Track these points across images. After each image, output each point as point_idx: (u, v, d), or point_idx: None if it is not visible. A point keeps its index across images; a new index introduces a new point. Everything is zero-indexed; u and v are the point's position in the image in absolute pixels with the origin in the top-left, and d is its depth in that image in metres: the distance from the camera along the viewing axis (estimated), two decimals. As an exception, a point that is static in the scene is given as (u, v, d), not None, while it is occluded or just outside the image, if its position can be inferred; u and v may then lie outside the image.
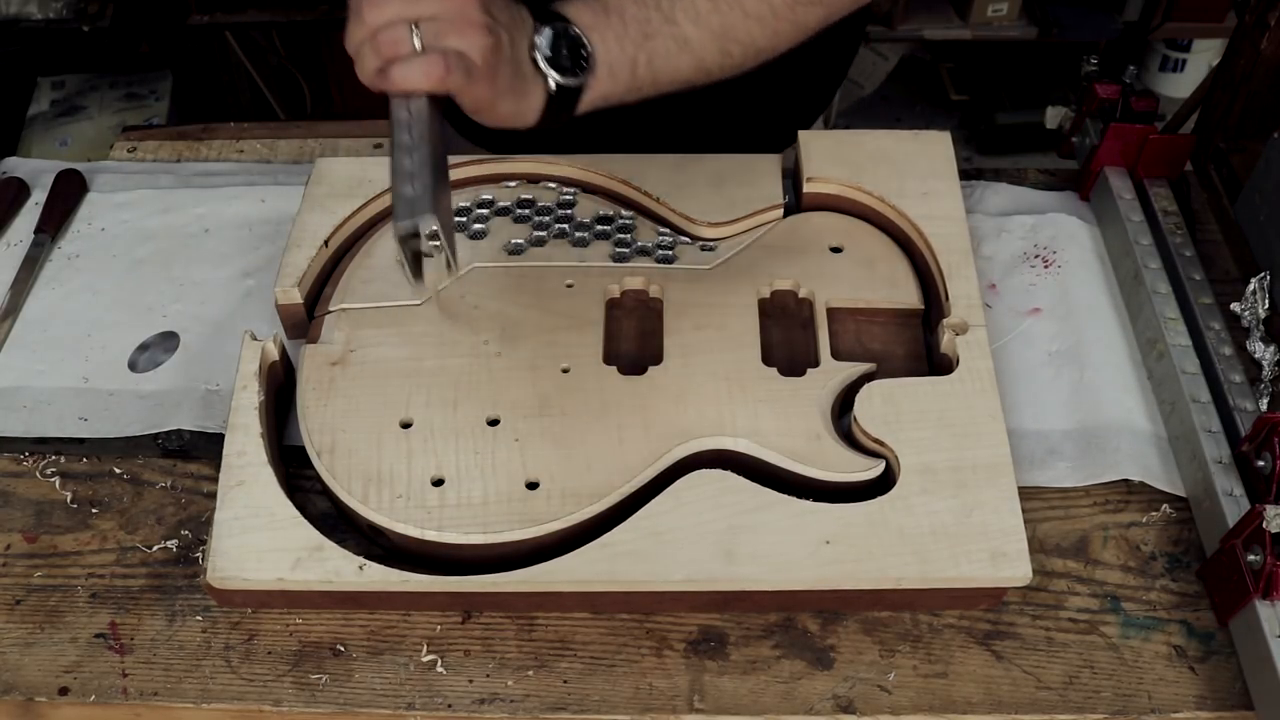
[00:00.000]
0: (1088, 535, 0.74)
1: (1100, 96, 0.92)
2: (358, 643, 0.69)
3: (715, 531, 0.68)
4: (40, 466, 0.79)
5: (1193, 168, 0.98)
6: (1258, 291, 0.85)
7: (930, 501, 0.69)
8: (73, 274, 0.91)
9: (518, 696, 0.67)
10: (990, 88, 2.58)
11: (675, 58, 0.69)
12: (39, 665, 0.69)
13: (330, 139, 1.10)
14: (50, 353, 0.85)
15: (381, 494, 0.69)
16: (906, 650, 0.69)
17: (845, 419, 0.74)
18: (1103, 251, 0.91)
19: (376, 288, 0.81)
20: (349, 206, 0.86)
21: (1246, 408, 0.75)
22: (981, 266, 0.87)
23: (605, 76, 0.67)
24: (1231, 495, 0.71)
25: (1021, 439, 0.77)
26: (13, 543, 0.75)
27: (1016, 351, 0.83)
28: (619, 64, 0.67)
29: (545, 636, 0.69)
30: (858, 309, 0.80)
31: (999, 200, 0.95)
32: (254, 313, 0.87)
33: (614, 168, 0.88)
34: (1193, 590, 0.71)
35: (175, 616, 0.71)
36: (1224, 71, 0.96)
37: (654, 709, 0.66)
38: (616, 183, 0.87)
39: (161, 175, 1.02)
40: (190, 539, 0.74)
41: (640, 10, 0.67)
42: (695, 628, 0.70)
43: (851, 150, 0.87)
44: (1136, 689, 0.67)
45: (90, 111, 2.09)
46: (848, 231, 0.85)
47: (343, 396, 0.74)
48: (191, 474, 0.78)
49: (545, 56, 0.64)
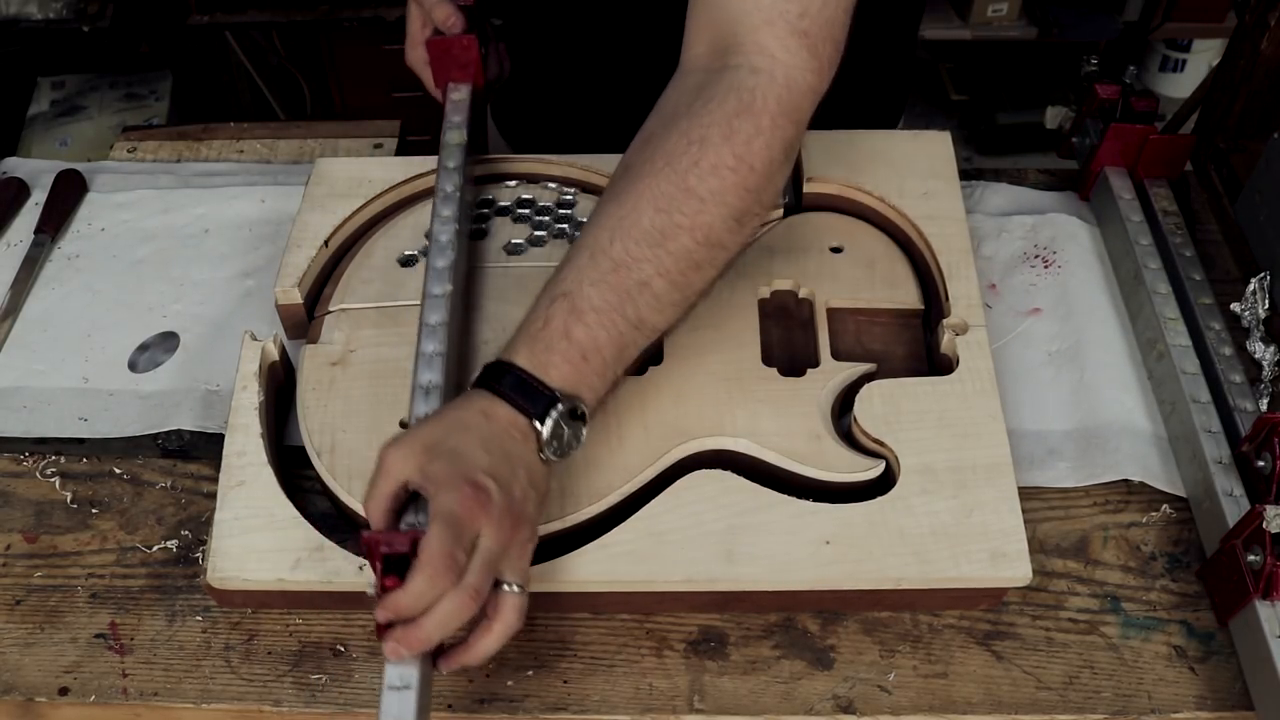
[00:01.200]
0: (1088, 535, 0.74)
1: (1100, 96, 0.92)
2: (358, 643, 0.69)
3: (715, 531, 0.68)
4: (40, 466, 0.79)
5: (1193, 168, 0.98)
6: (1258, 291, 0.85)
7: (930, 502, 0.69)
8: (73, 274, 0.91)
9: (518, 696, 0.67)
10: (990, 88, 2.57)
11: (646, 346, 0.68)
12: (39, 665, 0.69)
13: (330, 139, 1.10)
14: (50, 353, 0.85)
15: (381, 494, 0.69)
16: (906, 650, 0.69)
17: (845, 419, 0.74)
18: (1103, 251, 0.91)
19: (376, 288, 0.81)
20: (349, 206, 0.86)
21: (1246, 408, 0.75)
22: (981, 266, 0.87)
23: (593, 409, 0.66)
24: (1231, 495, 0.71)
25: (1021, 439, 0.77)
26: (13, 543, 0.75)
27: (1016, 351, 0.83)
28: (603, 392, 0.66)
29: (545, 636, 0.69)
30: (858, 309, 0.80)
31: (999, 200, 0.95)
32: (254, 313, 0.86)
33: (614, 168, 0.87)
34: (1193, 590, 0.71)
35: (175, 616, 0.71)
36: (1224, 71, 0.96)
37: (654, 709, 0.66)
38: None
39: (161, 175, 1.02)
40: (190, 539, 0.74)
41: (611, 335, 0.64)
42: (695, 628, 0.70)
43: (851, 150, 0.87)
44: (1136, 689, 0.67)
45: (90, 111, 2.09)
46: (848, 231, 0.85)
47: (343, 396, 0.74)
48: (191, 474, 0.78)
49: (552, 450, 0.63)
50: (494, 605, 0.60)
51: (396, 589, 0.57)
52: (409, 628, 0.58)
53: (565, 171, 0.89)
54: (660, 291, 0.65)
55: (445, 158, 0.83)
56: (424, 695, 0.59)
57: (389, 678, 0.58)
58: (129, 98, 2.12)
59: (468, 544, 0.58)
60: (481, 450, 0.60)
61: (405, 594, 0.57)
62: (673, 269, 0.65)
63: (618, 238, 0.65)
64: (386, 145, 1.08)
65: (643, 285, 0.65)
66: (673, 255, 0.65)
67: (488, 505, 0.58)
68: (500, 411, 0.62)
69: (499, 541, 0.59)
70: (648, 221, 0.65)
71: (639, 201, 0.65)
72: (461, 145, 0.83)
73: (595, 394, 0.65)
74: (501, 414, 0.62)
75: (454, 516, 0.57)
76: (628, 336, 0.65)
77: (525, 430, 0.62)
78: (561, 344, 0.63)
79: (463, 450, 0.60)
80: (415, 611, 0.57)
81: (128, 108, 2.10)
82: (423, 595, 0.57)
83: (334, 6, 2.11)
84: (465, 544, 0.58)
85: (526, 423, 0.62)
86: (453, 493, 0.58)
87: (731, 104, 0.66)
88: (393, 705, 0.57)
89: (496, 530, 0.59)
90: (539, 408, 0.62)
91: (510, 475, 0.60)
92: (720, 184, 0.65)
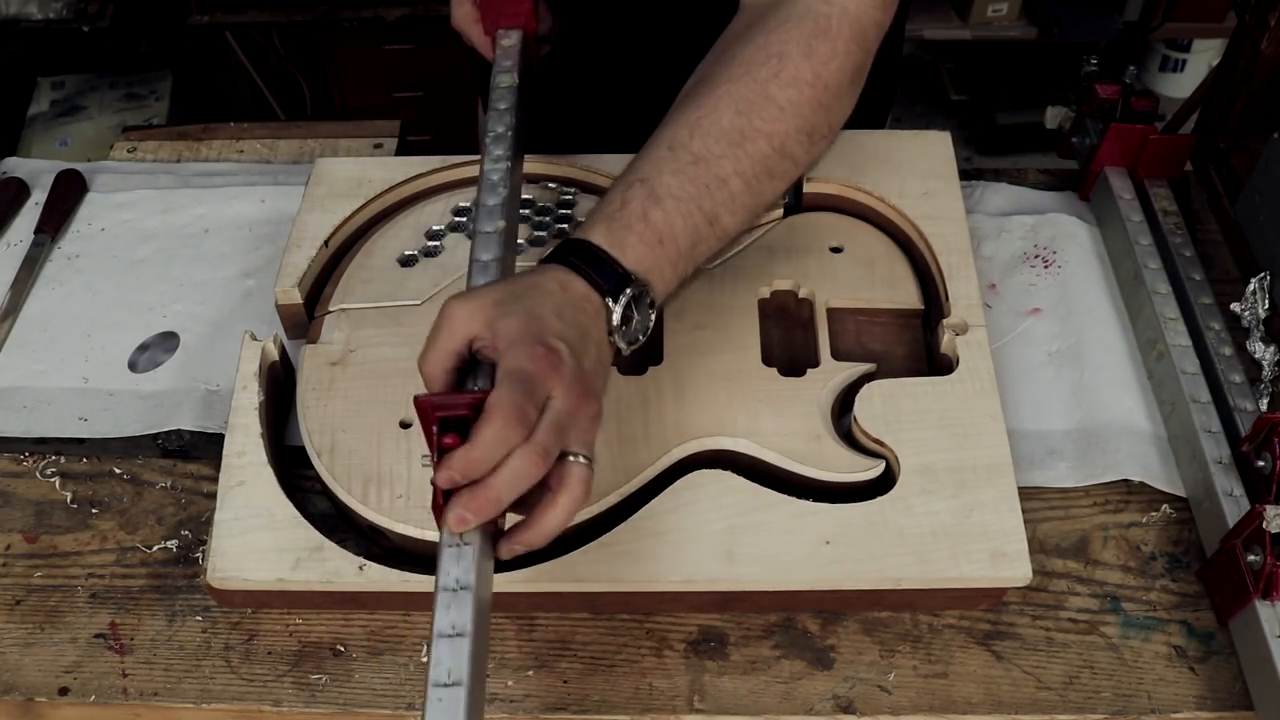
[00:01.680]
0: (1088, 535, 0.74)
1: (1100, 96, 0.92)
2: (358, 643, 0.69)
3: (715, 531, 0.68)
4: (40, 466, 0.79)
5: (1193, 168, 0.98)
6: (1258, 291, 0.85)
7: (930, 502, 0.69)
8: (73, 274, 0.91)
9: (518, 696, 0.67)
10: (990, 88, 2.58)
11: (715, 249, 0.68)
12: (39, 665, 0.69)
13: (330, 139, 1.10)
14: (50, 353, 0.85)
15: (381, 494, 0.69)
16: (906, 650, 0.69)
17: (845, 419, 0.74)
18: (1103, 251, 0.91)
19: (376, 288, 0.81)
20: (349, 206, 0.86)
21: (1246, 408, 0.75)
22: (981, 266, 0.87)
23: (661, 301, 0.66)
24: (1231, 495, 0.71)
25: (1021, 439, 0.77)
26: (13, 543, 0.75)
27: (1016, 351, 0.83)
28: (673, 285, 0.66)
29: (545, 636, 0.69)
30: (858, 309, 0.80)
31: (999, 200, 0.95)
32: (254, 313, 0.87)
33: (614, 168, 0.88)
34: (1193, 590, 0.71)
35: (175, 616, 0.71)
36: (1224, 71, 0.96)
37: (654, 709, 0.66)
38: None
39: (161, 175, 1.02)
40: (190, 539, 0.74)
41: (687, 224, 0.65)
42: (695, 628, 0.70)
43: (851, 150, 0.87)
44: (1136, 689, 0.67)
45: (90, 111, 2.09)
46: (848, 231, 0.85)
47: (343, 396, 0.74)
48: (191, 474, 0.78)
49: (621, 335, 0.62)
50: (559, 476, 0.56)
51: (458, 448, 0.53)
52: (476, 489, 0.53)
53: (565, 171, 0.89)
54: (736, 191, 0.67)
55: (495, 99, 0.80)
56: (476, 693, 0.52)
57: (435, 672, 0.51)
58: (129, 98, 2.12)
59: (538, 402, 0.55)
60: (555, 315, 0.58)
61: (474, 446, 0.53)
62: (749, 171, 0.67)
63: (697, 135, 0.67)
64: (386, 145, 1.09)
65: (721, 181, 0.66)
66: (750, 157, 0.67)
67: (560, 367, 0.56)
68: (576, 285, 0.61)
69: (569, 407, 0.56)
70: (727, 122, 0.67)
71: (719, 104, 0.67)
72: (513, 88, 0.80)
73: (665, 285, 0.65)
74: (577, 287, 0.60)
75: (525, 373, 0.54)
76: (702, 231, 0.66)
77: (598, 307, 0.61)
78: (639, 225, 0.63)
79: (536, 311, 0.58)
80: (484, 467, 0.54)
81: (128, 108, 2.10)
82: (492, 448, 0.53)
83: (334, 6, 2.12)
84: (536, 401, 0.54)
85: (600, 300, 0.61)
86: (524, 349, 0.55)
87: (809, 26, 0.69)
88: (440, 710, 0.51)
89: (567, 395, 0.55)
90: (612, 285, 0.61)
91: (582, 345, 0.58)
92: (798, 96, 0.68)
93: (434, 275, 0.81)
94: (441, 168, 0.89)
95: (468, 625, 0.52)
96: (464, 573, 0.54)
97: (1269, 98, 0.94)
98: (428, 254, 0.83)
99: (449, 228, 0.84)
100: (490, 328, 0.57)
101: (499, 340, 0.56)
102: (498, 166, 0.75)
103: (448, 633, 0.52)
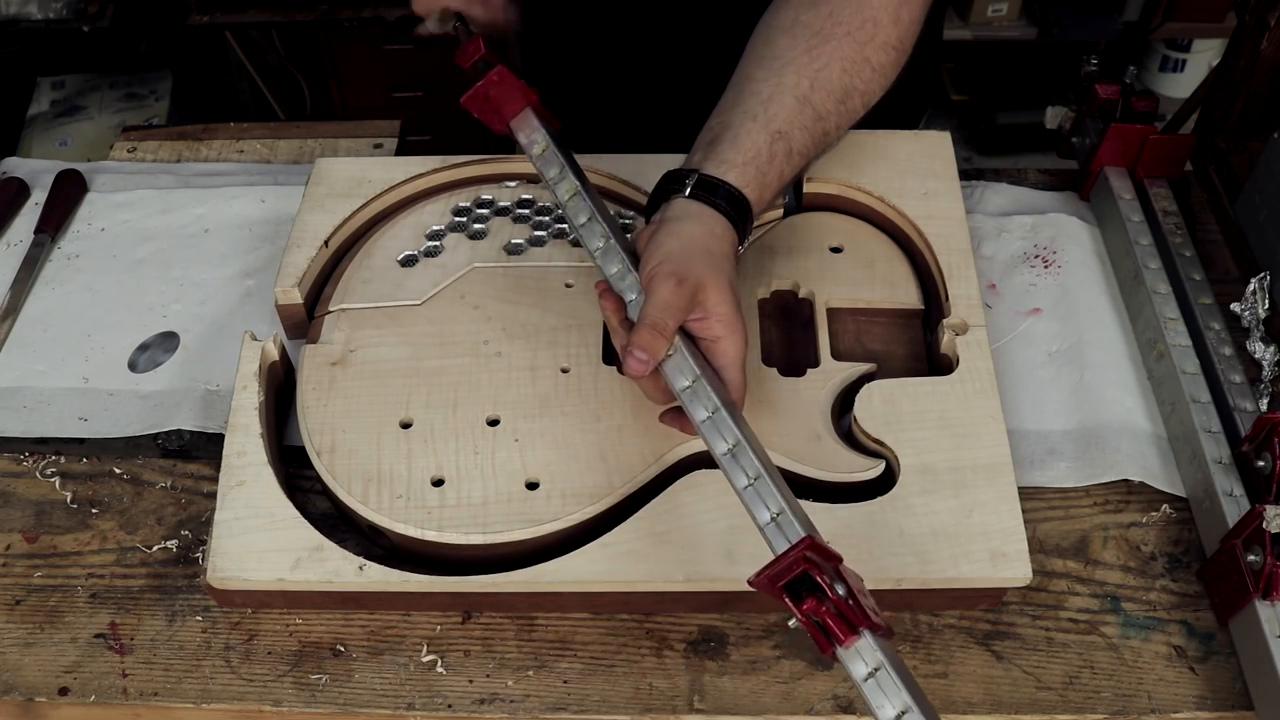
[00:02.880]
0: (1088, 535, 0.74)
1: (1100, 96, 0.92)
2: (358, 643, 0.69)
3: (715, 531, 0.68)
4: (40, 466, 0.79)
5: (1193, 168, 0.98)
6: (1258, 291, 0.85)
7: (930, 502, 0.69)
8: (73, 274, 0.91)
9: (518, 696, 0.67)
10: (990, 88, 2.57)
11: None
12: (39, 665, 0.69)
13: (330, 139, 1.10)
14: (50, 353, 0.85)
15: (381, 494, 0.69)
16: (906, 650, 0.68)
17: (845, 419, 0.74)
18: (1103, 251, 0.91)
19: (376, 288, 0.81)
20: (349, 206, 0.86)
21: (1246, 408, 0.75)
22: (981, 266, 0.87)
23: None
24: (1231, 495, 0.71)
25: (1021, 439, 0.77)
26: (13, 543, 0.75)
27: (1016, 351, 0.83)
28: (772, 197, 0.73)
29: (545, 636, 0.69)
30: (858, 309, 0.80)
31: (999, 200, 0.95)
32: (254, 313, 0.87)
33: (614, 168, 0.88)
34: (1193, 590, 0.71)
35: (175, 616, 0.71)
36: (1224, 71, 0.96)
37: (654, 709, 0.66)
38: (616, 183, 0.87)
39: (161, 175, 1.02)
40: (190, 539, 0.74)
41: (794, 172, 0.73)
42: (695, 628, 0.70)
43: (851, 150, 0.87)
44: (1136, 689, 0.67)
45: (90, 111, 2.09)
46: (848, 231, 0.85)
47: (343, 396, 0.74)
48: (191, 474, 0.78)
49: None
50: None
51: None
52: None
53: (565, 171, 0.89)
54: (829, 144, 0.74)
55: (543, 167, 0.78)
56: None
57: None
58: (129, 98, 2.12)
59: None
60: (727, 261, 0.68)
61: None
62: (841, 127, 0.74)
63: (817, 89, 0.72)
64: (386, 145, 1.09)
65: (825, 136, 0.73)
66: (847, 115, 0.73)
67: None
68: (732, 236, 0.69)
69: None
70: (837, 80, 0.72)
71: (830, 60, 0.72)
72: (548, 146, 0.79)
73: (761, 199, 0.72)
74: (732, 237, 0.69)
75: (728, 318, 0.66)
76: (788, 179, 0.73)
77: (735, 244, 0.70)
78: (775, 184, 0.71)
79: (721, 266, 0.67)
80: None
81: (128, 108, 2.10)
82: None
83: (334, 6, 2.11)
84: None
85: (736, 240, 0.69)
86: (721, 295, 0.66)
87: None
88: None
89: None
90: (744, 234, 0.70)
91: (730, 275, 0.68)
92: (886, 61, 0.74)
93: (434, 275, 0.81)
94: (441, 168, 0.89)
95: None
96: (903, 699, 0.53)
97: (1269, 98, 0.94)
98: (428, 254, 0.83)
99: (449, 228, 0.84)
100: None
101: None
102: (579, 203, 0.76)
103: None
